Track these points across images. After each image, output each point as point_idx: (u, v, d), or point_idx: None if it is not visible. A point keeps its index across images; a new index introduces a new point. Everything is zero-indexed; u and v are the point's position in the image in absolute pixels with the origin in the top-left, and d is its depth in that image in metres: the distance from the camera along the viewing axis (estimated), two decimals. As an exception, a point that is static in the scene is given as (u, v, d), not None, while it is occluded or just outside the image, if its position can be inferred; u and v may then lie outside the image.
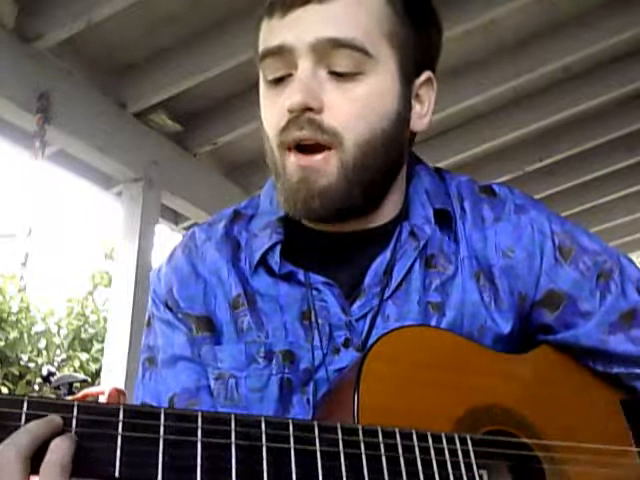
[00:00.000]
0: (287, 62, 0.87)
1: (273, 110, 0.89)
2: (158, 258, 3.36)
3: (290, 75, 0.87)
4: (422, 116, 0.94)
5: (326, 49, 0.85)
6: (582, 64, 3.38)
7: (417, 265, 0.92)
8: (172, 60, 2.90)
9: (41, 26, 2.59)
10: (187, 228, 3.93)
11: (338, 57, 0.85)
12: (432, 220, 0.95)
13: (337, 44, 0.85)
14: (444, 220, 0.95)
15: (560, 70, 3.35)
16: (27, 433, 0.62)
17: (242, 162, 3.79)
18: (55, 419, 0.63)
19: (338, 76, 0.86)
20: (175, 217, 3.96)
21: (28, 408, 0.63)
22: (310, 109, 0.85)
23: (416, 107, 0.94)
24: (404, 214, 0.96)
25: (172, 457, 0.65)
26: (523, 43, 3.18)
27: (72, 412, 0.64)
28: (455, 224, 0.95)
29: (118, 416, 0.65)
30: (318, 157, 0.86)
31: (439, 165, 1.07)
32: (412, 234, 0.93)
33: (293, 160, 0.87)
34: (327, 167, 0.86)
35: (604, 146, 4.06)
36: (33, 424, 0.62)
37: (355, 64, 0.86)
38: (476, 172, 3.80)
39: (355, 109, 0.86)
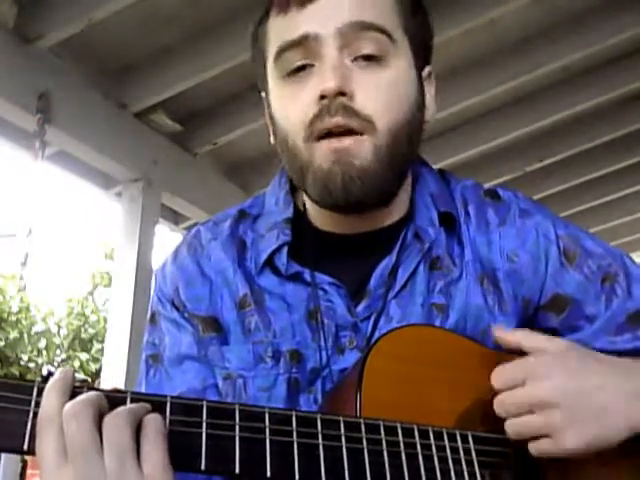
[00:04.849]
0: (309, 52, 0.86)
1: (297, 103, 0.86)
2: (158, 258, 3.36)
3: (311, 65, 0.86)
4: (427, 108, 0.95)
5: (353, 33, 0.85)
6: (582, 64, 3.37)
7: (421, 267, 0.92)
8: (172, 60, 2.90)
9: (41, 26, 2.59)
10: (187, 228, 3.93)
11: (364, 40, 0.85)
12: (437, 222, 0.94)
13: (364, 26, 0.85)
14: (449, 223, 0.95)
15: (560, 70, 3.35)
16: (130, 410, 0.63)
17: (242, 162, 3.79)
18: (147, 405, 0.65)
19: (364, 61, 0.86)
20: (175, 217, 3.96)
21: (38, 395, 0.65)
22: (343, 94, 0.83)
23: (427, 97, 0.95)
24: (409, 216, 0.95)
25: (177, 447, 0.65)
26: (523, 43, 3.18)
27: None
28: (460, 227, 0.95)
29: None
30: (350, 140, 0.84)
31: (439, 165, 1.07)
32: (417, 236, 0.93)
33: (324, 146, 0.84)
34: (361, 150, 0.84)
35: (604, 146, 4.06)
36: (134, 405, 0.64)
37: (380, 47, 0.86)
38: (476, 172, 3.80)
39: (385, 94, 0.86)
